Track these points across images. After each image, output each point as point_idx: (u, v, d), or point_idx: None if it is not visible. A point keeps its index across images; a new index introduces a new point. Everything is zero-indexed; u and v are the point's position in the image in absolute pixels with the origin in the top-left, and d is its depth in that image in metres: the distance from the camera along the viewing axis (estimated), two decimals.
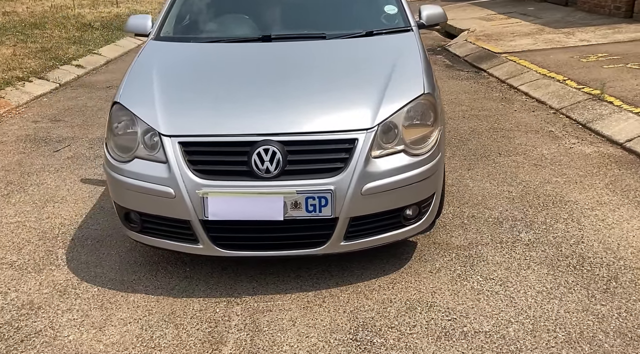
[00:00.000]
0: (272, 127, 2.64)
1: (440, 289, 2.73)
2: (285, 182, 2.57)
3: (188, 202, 2.61)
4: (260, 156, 2.57)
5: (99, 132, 5.54)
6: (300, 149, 2.61)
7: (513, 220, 3.39)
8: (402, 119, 2.71)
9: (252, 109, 2.73)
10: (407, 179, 2.67)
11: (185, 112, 2.76)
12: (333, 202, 2.57)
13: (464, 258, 2.99)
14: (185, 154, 2.64)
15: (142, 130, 2.74)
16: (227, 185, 2.59)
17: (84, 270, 3.07)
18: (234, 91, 2.87)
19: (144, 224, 2.82)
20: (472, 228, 3.32)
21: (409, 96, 2.78)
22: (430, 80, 2.97)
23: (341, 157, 2.60)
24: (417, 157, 2.71)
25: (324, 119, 2.67)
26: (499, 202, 3.64)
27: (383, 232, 2.74)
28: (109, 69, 8.90)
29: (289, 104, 2.75)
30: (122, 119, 2.85)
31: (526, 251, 3.03)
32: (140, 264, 3.11)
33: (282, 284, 2.85)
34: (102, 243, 3.36)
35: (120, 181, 2.77)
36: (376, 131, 2.63)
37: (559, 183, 3.87)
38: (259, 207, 2.59)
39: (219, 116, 2.72)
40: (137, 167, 2.72)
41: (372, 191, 2.61)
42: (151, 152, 2.71)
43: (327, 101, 2.77)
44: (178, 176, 2.61)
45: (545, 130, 5.04)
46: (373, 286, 2.79)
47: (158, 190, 2.65)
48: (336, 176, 2.58)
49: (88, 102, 6.78)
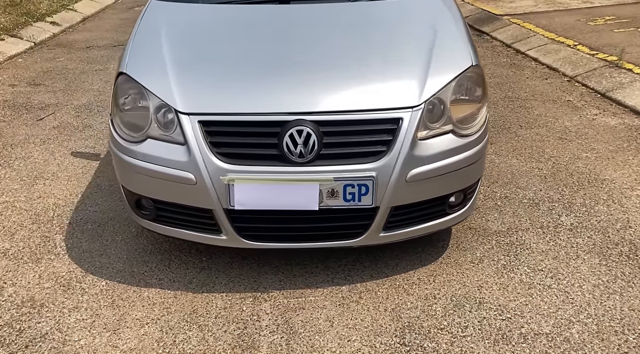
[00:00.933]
0: (306, 105, 2.32)
1: (486, 283, 2.51)
2: (321, 168, 2.28)
3: (211, 190, 2.30)
4: (293, 138, 2.27)
5: (84, 98, 5.11)
6: (338, 130, 2.31)
7: (550, 201, 3.17)
8: (450, 94, 2.42)
9: (281, 83, 2.40)
10: (456, 164, 2.40)
11: (205, 86, 2.42)
12: (374, 190, 2.29)
13: (505, 246, 2.77)
14: (207, 134, 2.31)
15: (155, 106, 2.40)
16: (255, 170, 2.28)
17: (88, 260, 2.76)
18: (259, 61, 2.53)
19: (159, 212, 2.51)
20: (507, 211, 3.09)
21: (457, 68, 2.48)
22: (474, 49, 2.67)
23: (383, 139, 2.31)
24: (465, 138, 2.44)
25: (364, 95, 2.37)
26: (530, 180, 3.41)
27: (425, 221, 2.48)
28: (87, 27, 8.32)
29: (323, 78, 2.43)
30: (130, 93, 2.50)
31: (571, 237, 2.82)
32: (150, 252, 2.81)
33: (311, 276, 2.59)
34: (105, 228, 3.04)
35: (131, 164, 2.43)
36: (423, 109, 2.34)
37: (590, 159, 3.65)
38: (291, 195, 2.29)
39: (244, 90, 2.38)
40: (150, 149, 2.39)
41: (418, 178, 2.33)
42: (166, 131, 2.38)
43: (366, 75, 2.45)
44: (199, 159, 2.29)
45: (562, 99, 4.80)
46: (412, 279, 2.55)
47: (176, 176, 2.33)
48: (378, 160, 2.29)
49: (68, 64, 6.28)
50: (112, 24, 8.45)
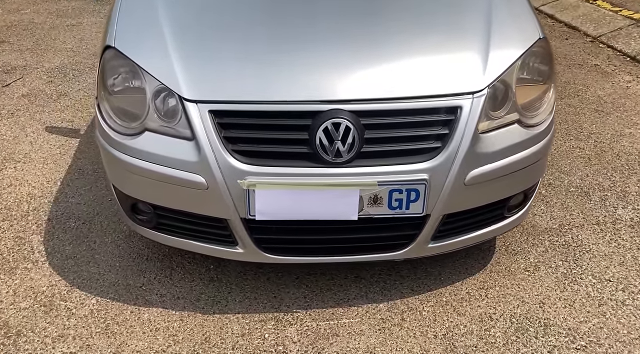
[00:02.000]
0: (342, 91, 1.86)
1: (548, 298, 2.15)
2: (362, 170, 1.85)
3: (226, 196, 1.86)
4: (328, 133, 1.82)
5: (56, 59, 4.52)
6: (383, 123, 1.87)
7: (601, 189, 2.80)
8: (515, 75, 1.98)
9: (311, 64, 1.92)
10: (523, 161, 1.99)
11: (217, 67, 1.93)
12: (426, 195, 1.88)
13: (561, 248, 2.41)
14: (220, 127, 1.85)
15: (153, 90, 1.91)
16: (281, 173, 1.84)
17: (73, 269, 2.32)
18: (285, 35, 2.03)
19: (160, 219, 2.06)
20: (555, 202, 2.71)
21: (523, 43, 2.03)
22: (537, 18, 2.22)
23: (438, 132, 1.88)
24: (533, 128, 2.02)
25: (415, 79, 1.91)
26: (573, 163, 3.03)
27: (480, 227, 2.09)
28: None
29: (362, 56, 1.96)
30: (121, 71, 2.00)
31: (634, 236, 2.47)
32: (147, 258, 2.38)
33: (341, 290, 2.20)
34: (91, 226, 2.58)
35: (125, 162, 1.97)
36: (486, 95, 1.90)
37: (635, 137, 3.28)
38: (326, 203, 1.87)
39: (267, 73, 1.90)
40: (149, 145, 1.92)
41: (479, 180, 1.92)
42: (168, 122, 1.90)
43: (415, 50, 1.99)
44: (212, 159, 1.84)
45: (589, 64, 4.38)
46: (460, 293, 2.18)
47: (183, 178, 1.88)
48: (432, 159, 1.86)
49: (35, 17, 5.60)
50: None
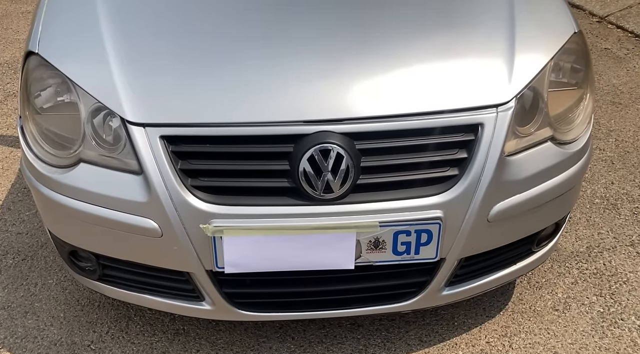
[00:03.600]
0: (331, 108, 1.45)
1: (585, 347, 1.78)
2: (358, 207, 1.45)
3: (186, 245, 1.46)
4: (314, 161, 1.42)
5: (7, 53, 4.02)
6: (384, 147, 1.46)
7: (630, 201, 2.43)
8: (546, 80, 1.58)
9: (291, 75, 1.50)
10: (559, 187, 1.60)
11: (169, 80, 1.50)
12: (440, 237, 1.49)
13: (593, 278, 2.04)
14: (175, 157, 1.44)
15: (89, 109, 1.49)
16: (255, 214, 1.44)
17: (6, 323, 1.90)
18: (252, 39, 1.60)
19: (105, 270, 1.65)
20: (579, 218, 2.34)
21: (555, 40, 1.63)
22: (569, 7, 1.82)
23: (454, 157, 1.48)
24: (568, 146, 1.63)
25: (423, 89, 1.50)
26: (595, 168, 2.66)
27: (505, 267, 1.70)
28: None
29: (355, 63, 1.53)
30: (48, 84, 1.57)
31: None
32: (99, 305, 1.97)
33: (335, 343, 1.81)
34: (32, 262, 2.16)
35: (56, 203, 1.54)
36: (513, 107, 1.50)
37: None
38: (313, 251, 1.47)
39: (234, 88, 1.47)
40: (85, 179, 1.50)
41: (506, 214, 1.53)
42: (109, 150, 1.48)
43: (420, 55, 1.57)
44: (165, 198, 1.42)
45: (599, 47, 3.99)
46: (479, 343, 1.81)
47: (130, 224, 1.47)
48: (447, 191, 1.47)
49: None
50: None
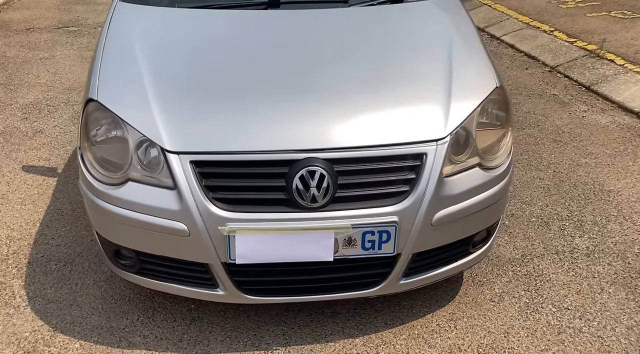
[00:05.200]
0: (317, 141, 1.99)
1: (512, 328, 2.29)
2: (336, 214, 1.97)
3: (207, 242, 1.96)
4: (304, 180, 1.94)
5: (30, 95, 4.55)
6: (355, 169, 2.00)
7: (559, 219, 2.98)
8: (475, 122, 2.14)
9: (287, 115, 2.05)
10: (484, 201, 2.14)
11: (197, 119, 2.04)
12: (396, 236, 2.01)
13: (523, 278, 2.56)
14: (201, 177, 1.96)
15: (136, 142, 2.01)
16: (259, 218, 1.95)
17: (56, 313, 2.37)
18: (258, 86, 2.16)
19: (143, 264, 2.14)
20: (518, 233, 2.88)
21: (482, 91, 2.20)
22: (494, 65, 2.39)
23: (406, 177, 2.02)
24: (492, 171, 2.17)
25: (384, 126, 2.05)
26: (534, 193, 3.21)
27: (447, 263, 2.22)
28: (24, 3, 7.53)
29: (335, 107, 2.09)
30: (103, 123, 2.09)
31: (590, 264, 2.64)
32: (129, 299, 2.45)
33: (319, 326, 2.31)
34: (72, 267, 2.64)
35: (109, 211, 2.05)
36: (449, 142, 2.05)
37: (590, 166, 3.48)
38: (303, 246, 1.98)
39: (244, 124, 2.02)
40: (132, 194, 2.01)
41: (445, 220, 2.06)
42: (151, 172, 2.00)
43: (383, 101, 2.13)
44: (193, 207, 1.94)
45: (548, 93, 4.62)
46: (431, 325, 2.31)
47: (165, 226, 1.97)
48: (401, 202, 2.00)
49: (7, 50, 5.62)
50: (53, 0, 7.69)
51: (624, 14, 6.16)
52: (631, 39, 5.37)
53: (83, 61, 5.36)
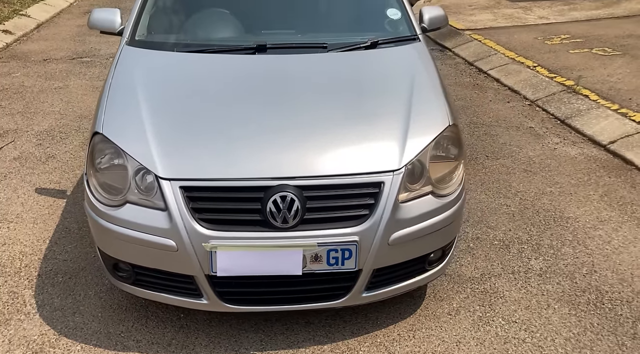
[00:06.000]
0: (288, 170, 2.32)
1: (464, 338, 2.57)
2: (304, 233, 2.29)
3: (193, 257, 2.28)
4: (276, 203, 2.26)
5: (45, 122, 4.94)
6: (321, 195, 2.32)
7: (519, 243, 3.27)
8: (428, 155, 2.46)
9: (263, 148, 2.38)
10: (436, 225, 2.45)
11: (186, 150, 2.38)
12: (357, 254, 2.32)
13: (480, 295, 2.85)
14: (188, 200, 2.28)
15: (134, 169, 2.35)
16: (238, 237, 2.27)
17: (61, 320, 2.68)
18: (239, 122, 2.50)
19: (137, 276, 2.46)
20: (479, 254, 3.17)
21: (435, 129, 2.52)
22: (451, 105, 2.72)
23: (366, 203, 2.33)
24: (444, 198, 2.48)
25: (346, 159, 2.38)
26: (499, 219, 3.51)
27: (406, 279, 2.52)
28: (42, 35, 8.02)
29: (304, 141, 2.43)
30: (107, 153, 2.43)
31: (541, 283, 2.92)
32: (125, 309, 2.75)
33: (292, 334, 2.60)
34: (76, 280, 2.95)
35: (109, 230, 2.38)
36: (403, 172, 2.37)
37: (554, 195, 3.78)
38: (275, 261, 2.29)
39: (226, 155, 2.36)
40: (130, 215, 2.34)
41: (400, 240, 2.37)
42: (146, 196, 2.33)
43: (347, 137, 2.46)
44: (181, 226, 2.26)
45: (525, 126, 4.94)
46: (392, 335, 2.60)
47: (157, 242, 2.30)
48: (361, 224, 2.31)
49: (25, 80, 6.05)
50: (69, 32, 8.18)
51: (604, 50, 6.51)
52: (607, 75, 5.70)
53: (94, 90, 5.76)
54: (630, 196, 3.75)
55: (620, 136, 4.49)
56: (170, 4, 3.39)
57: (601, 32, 7.25)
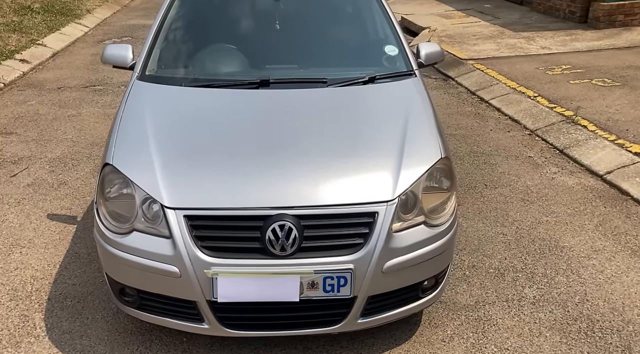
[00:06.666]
0: (287, 200, 2.44)
1: None
2: (301, 261, 2.40)
3: (195, 283, 2.39)
4: (275, 232, 2.38)
5: (58, 149, 5.12)
6: (318, 224, 2.43)
7: (514, 271, 3.35)
8: (421, 187, 2.57)
9: (263, 178, 2.52)
10: (428, 253, 2.55)
11: (191, 181, 2.51)
12: (352, 281, 2.42)
13: (474, 322, 2.93)
14: (192, 228, 2.41)
15: (141, 199, 2.48)
16: (238, 264, 2.39)
17: (69, 343, 2.79)
18: (241, 155, 2.64)
19: (142, 301, 2.57)
20: (475, 282, 3.25)
21: (427, 162, 2.64)
22: (443, 138, 2.84)
23: (361, 232, 2.45)
24: (436, 228, 2.59)
25: (342, 189, 2.50)
26: (495, 248, 3.60)
27: (400, 306, 2.62)
28: (57, 63, 8.28)
29: (303, 173, 2.56)
30: (116, 183, 2.57)
31: (534, 311, 3.00)
32: (131, 332, 2.86)
33: None
34: (84, 304, 3.07)
35: (117, 256, 2.50)
36: (397, 203, 2.49)
37: (550, 224, 3.87)
38: (273, 288, 2.40)
39: (228, 186, 2.49)
40: (136, 242, 2.47)
41: (394, 269, 2.47)
42: (152, 224, 2.46)
43: (343, 168, 2.59)
44: (184, 253, 2.38)
45: (524, 155, 5.05)
46: None
47: (162, 269, 2.42)
48: (356, 253, 2.42)
49: (40, 108, 6.26)
50: (83, 61, 8.43)
51: (604, 81, 6.63)
52: (606, 106, 5.82)
53: (106, 118, 5.95)
54: (625, 226, 3.83)
55: (617, 167, 4.59)
56: (179, 40, 3.57)
57: (602, 63, 7.38)
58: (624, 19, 9.28)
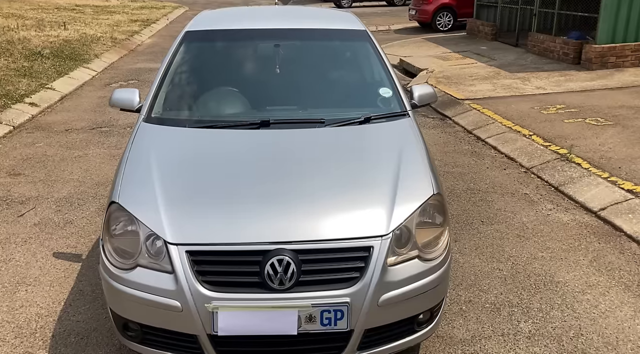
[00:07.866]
0: (285, 235, 2.54)
1: None
2: (299, 295, 2.48)
3: (196, 317, 2.47)
4: (274, 266, 2.47)
5: (64, 190, 5.25)
6: (315, 258, 2.52)
7: (510, 306, 3.41)
8: (415, 222, 2.67)
9: (262, 215, 2.62)
10: (423, 287, 2.63)
11: (192, 218, 2.62)
12: (349, 315, 2.50)
13: None
14: (193, 263, 2.50)
15: (145, 235, 2.58)
16: (238, 298, 2.47)
17: None
18: (241, 192, 2.76)
19: (145, 335, 2.64)
20: (471, 316, 3.31)
21: (420, 198, 2.75)
22: (436, 175, 2.95)
23: (357, 266, 2.54)
24: (430, 262, 2.68)
25: (338, 224, 2.60)
26: (492, 283, 3.67)
27: (396, 339, 2.68)
28: (65, 106, 8.51)
29: (301, 210, 2.66)
30: (121, 220, 2.68)
31: (529, 346, 3.05)
32: None
33: None
34: (88, 340, 3.13)
35: (121, 291, 2.59)
36: (391, 237, 2.58)
37: (545, 259, 3.94)
38: (272, 321, 2.48)
39: (228, 222, 2.59)
40: (140, 278, 2.56)
41: (389, 302, 2.55)
42: (155, 259, 2.55)
43: (339, 204, 2.70)
44: (186, 288, 2.47)
45: (520, 193, 5.15)
46: None
47: (164, 303, 2.50)
48: (352, 286, 2.50)
49: (48, 149, 6.43)
50: (90, 103, 8.67)
51: (597, 120, 6.80)
52: (599, 144, 5.95)
53: (111, 159, 6.11)
54: (619, 261, 3.90)
55: (610, 203, 4.68)
56: (184, 83, 3.74)
57: (595, 102, 7.57)
58: (616, 61, 9.55)
